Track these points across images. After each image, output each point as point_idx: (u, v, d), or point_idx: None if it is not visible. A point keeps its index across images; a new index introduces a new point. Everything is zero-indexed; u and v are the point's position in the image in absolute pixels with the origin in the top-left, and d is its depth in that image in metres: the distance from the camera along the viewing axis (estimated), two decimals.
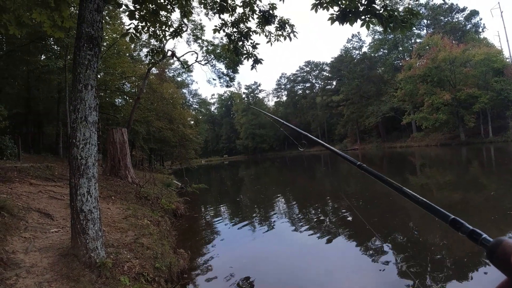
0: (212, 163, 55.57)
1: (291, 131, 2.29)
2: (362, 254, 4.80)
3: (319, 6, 4.28)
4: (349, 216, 7.26)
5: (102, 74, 18.95)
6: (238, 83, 77.09)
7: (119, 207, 6.26)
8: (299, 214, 8.21)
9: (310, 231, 6.20)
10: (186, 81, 44.33)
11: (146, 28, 5.20)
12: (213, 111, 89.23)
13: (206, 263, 4.88)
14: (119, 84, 22.23)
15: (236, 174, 27.52)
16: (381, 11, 4.06)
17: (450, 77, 33.36)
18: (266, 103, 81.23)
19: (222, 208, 10.39)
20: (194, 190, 10.71)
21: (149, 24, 5.14)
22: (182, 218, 8.24)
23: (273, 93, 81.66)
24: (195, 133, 30.24)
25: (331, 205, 8.94)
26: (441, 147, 33.35)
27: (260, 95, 79.37)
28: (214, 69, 24.16)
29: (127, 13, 4.84)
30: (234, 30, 5.84)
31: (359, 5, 4.07)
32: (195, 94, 60.49)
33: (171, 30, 6.14)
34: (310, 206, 9.09)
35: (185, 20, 7.50)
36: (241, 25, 5.77)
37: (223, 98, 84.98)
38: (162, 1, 5.24)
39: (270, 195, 11.99)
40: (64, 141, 18.06)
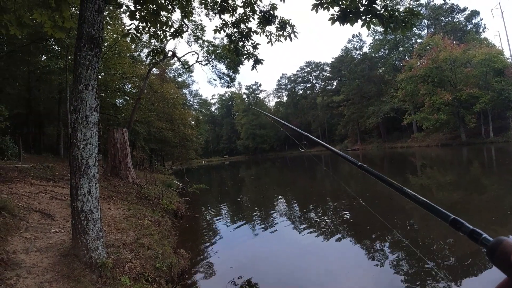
0: (212, 164, 55.61)
1: (292, 132, 2.28)
2: (362, 254, 4.80)
3: (320, 7, 4.28)
4: (349, 216, 7.26)
5: (103, 74, 18.99)
6: (239, 84, 77.41)
7: (120, 207, 6.27)
8: (300, 214, 8.21)
9: (311, 231, 6.20)
10: (187, 81, 44.41)
11: (146, 28, 5.21)
12: (213, 112, 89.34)
13: (207, 263, 4.88)
14: (120, 84, 22.27)
15: (236, 174, 27.51)
16: (381, 11, 4.06)
17: (451, 77, 33.34)
18: (266, 104, 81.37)
19: (222, 208, 10.40)
20: (194, 191, 10.71)
21: (149, 24, 5.14)
22: (183, 218, 8.24)
23: (273, 93, 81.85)
24: (196, 133, 30.25)
25: (332, 205, 8.93)
26: (441, 148, 33.30)
27: (260, 96, 79.61)
28: (215, 69, 24.20)
29: (128, 13, 4.84)
30: (235, 30, 5.84)
31: (360, 5, 4.07)
32: (196, 95, 60.54)
33: (172, 30, 6.15)
34: (311, 206, 9.09)
35: (185, 20, 7.53)
36: (241, 25, 5.77)
37: (224, 98, 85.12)
38: (162, 1, 5.24)
39: (270, 196, 11.99)
40: (65, 141, 18.09)
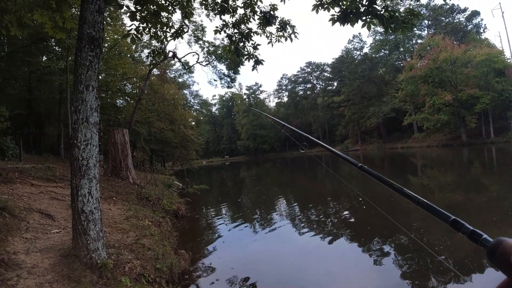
0: (213, 164, 55.61)
1: (292, 133, 2.29)
2: (363, 254, 4.79)
3: (320, 7, 4.29)
4: (349, 216, 7.25)
5: (103, 75, 19.01)
6: (239, 84, 77.61)
7: (120, 208, 6.27)
8: (300, 215, 8.20)
9: (311, 232, 6.20)
10: (187, 82, 44.40)
11: (147, 29, 5.21)
12: (214, 112, 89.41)
13: (207, 264, 4.88)
14: (121, 85, 22.30)
15: (237, 175, 27.51)
16: (382, 12, 4.07)
17: (451, 77, 33.32)
18: (267, 104, 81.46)
19: (223, 209, 10.39)
20: (195, 191, 10.71)
21: (150, 25, 5.15)
22: (183, 219, 8.24)
23: (274, 94, 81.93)
24: (196, 134, 30.26)
25: (332, 205, 8.92)
26: (442, 148, 33.27)
27: (261, 96, 79.67)
28: (215, 70, 24.23)
29: (128, 14, 4.85)
30: (235, 31, 5.85)
31: (360, 6, 4.08)
32: (196, 95, 60.52)
33: (172, 31, 6.16)
34: (311, 206, 9.08)
35: (186, 21, 7.54)
36: (242, 26, 5.77)
37: (224, 99, 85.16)
38: (163, 2, 5.25)
39: (271, 196, 11.98)
40: (65, 142, 18.11)
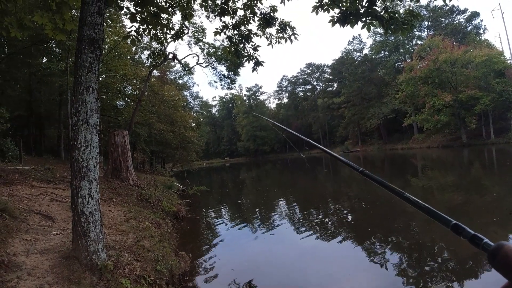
0: (213, 165, 55.58)
1: (294, 137, 2.29)
2: (363, 255, 4.78)
3: (320, 8, 4.29)
4: (350, 217, 7.24)
5: (103, 76, 19.04)
6: (239, 85, 77.50)
7: (120, 210, 6.26)
8: (300, 216, 8.19)
9: (311, 233, 6.18)
10: (187, 83, 44.57)
11: (147, 30, 5.22)
12: (214, 113, 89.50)
13: (208, 266, 4.87)
14: (121, 86, 22.33)
15: (237, 176, 27.49)
16: (381, 13, 4.07)
17: (451, 78, 33.35)
18: (267, 105, 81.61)
19: (223, 210, 10.37)
20: (195, 192, 10.71)
21: (150, 26, 5.16)
22: (183, 220, 8.23)
23: (274, 95, 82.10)
24: (197, 135, 30.24)
25: (332, 207, 8.91)
26: (442, 149, 33.26)
27: (261, 97, 79.79)
28: (215, 71, 24.26)
29: (128, 15, 4.85)
30: (235, 32, 5.86)
31: (360, 7, 4.08)
32: (196, 97, 60.62)
33: (172, 32, 6.17)
34: (311, 208, 9.06)
35: (186, 22, 7.55)
36: (242, 27, 5.78)
37: (224, 100, 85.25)
38: (163, 3, 5.26)
39: (271, 197, 11.97)
40: (65, 143, 18.12)
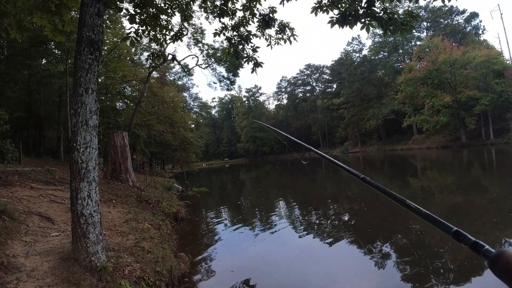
0: (213, 167, 55.53)
1: (294, 142, 2.31)
2: (363, 256, 4.78)
3: (319, 9, 4.30)
4: (349, 218, 7.23)
5: (103, 78, 19.05)
6: (239, 87, 77.50)
7: (120, 211, 6.25)
8: (300, 217, 8.19)
9: (311, 234, 6.18)
10: (187, 84, 44.63)
11: (146, 32, 5.22)
12: (213, 115, 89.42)
13: (207, 267, 4.86)
14: (120, 87, 22.34)
15: (237, 177, 27.47)
16: (380, 14, 4.08)
17: (451, 79, 33.40)
18: (266, 106, 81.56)
19: (223, 211, 10.37)
20: (195, 194, 10.70)
21: (149, 28, 5.15)
22: (183, 221, 8.22)
23: (273, 96, 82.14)
24: (196, 136, 30.25)
25: (332, 207, 8.90)
26: (442, 149, 33.28)
27: (260, 98, 79.70)
28: (215, 72, 24.25)
29: (128, 17, 4.85)
30: (234, 33, 5.86)
31: (359, 8, 4.09)
32: (196, 98, 60.55)
33: (172, 34, 6.16)
34: (311, 208, 9.06)
35: (185, 24, 7.55)
36: (241, 28, 5.79)
37: (224, 101, 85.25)
38: (162, 5, 5.26)
39: (270, 198, 11.96)
40: (65, 144, 18.12)
